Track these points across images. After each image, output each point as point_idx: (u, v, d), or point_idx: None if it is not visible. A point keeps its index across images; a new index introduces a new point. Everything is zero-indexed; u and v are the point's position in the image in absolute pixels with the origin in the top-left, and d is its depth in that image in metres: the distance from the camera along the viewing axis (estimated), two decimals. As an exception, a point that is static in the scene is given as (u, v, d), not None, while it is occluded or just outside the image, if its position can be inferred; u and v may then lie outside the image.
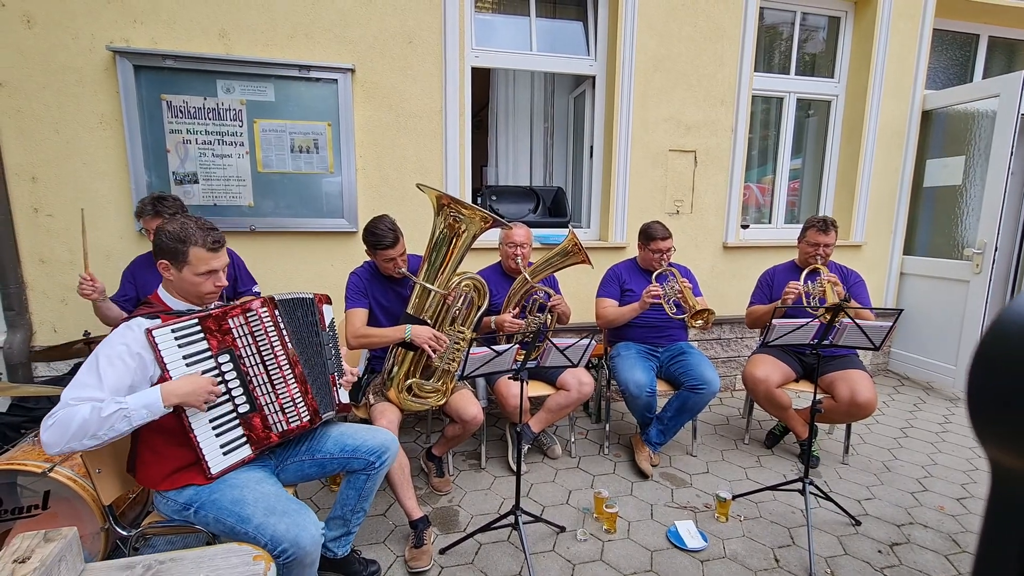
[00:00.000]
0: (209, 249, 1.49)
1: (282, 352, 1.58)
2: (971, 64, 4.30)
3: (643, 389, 2.54)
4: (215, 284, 1.53)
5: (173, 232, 1.47)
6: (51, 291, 2.74)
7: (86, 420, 1.24)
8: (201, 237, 1.48)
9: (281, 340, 1.58)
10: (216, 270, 1.52)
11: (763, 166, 4.15)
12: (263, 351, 1.54)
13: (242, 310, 1.50)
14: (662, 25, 3.38)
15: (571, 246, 2.49)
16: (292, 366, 1.59)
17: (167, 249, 1.47)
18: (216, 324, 1.46)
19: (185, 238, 1.47)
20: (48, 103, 2.61)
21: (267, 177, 2.91)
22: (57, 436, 1.23)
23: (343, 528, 1.83)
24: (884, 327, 2.10)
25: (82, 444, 1.25)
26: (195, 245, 1.47)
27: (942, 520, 2.29)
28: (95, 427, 1.25)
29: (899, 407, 3.59)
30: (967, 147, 3.74)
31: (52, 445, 1.23)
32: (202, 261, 1.48)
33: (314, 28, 2.87)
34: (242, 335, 1.50)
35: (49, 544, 0.74)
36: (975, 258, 3.57)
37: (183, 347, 1.42)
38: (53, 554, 0.73)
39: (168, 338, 1.39)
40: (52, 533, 0.76)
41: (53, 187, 2.67)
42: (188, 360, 1.42)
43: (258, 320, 1.53)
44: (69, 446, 1.24)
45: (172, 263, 1.48)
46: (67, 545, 0.75)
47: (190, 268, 1.48)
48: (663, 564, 2.00)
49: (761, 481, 2.59)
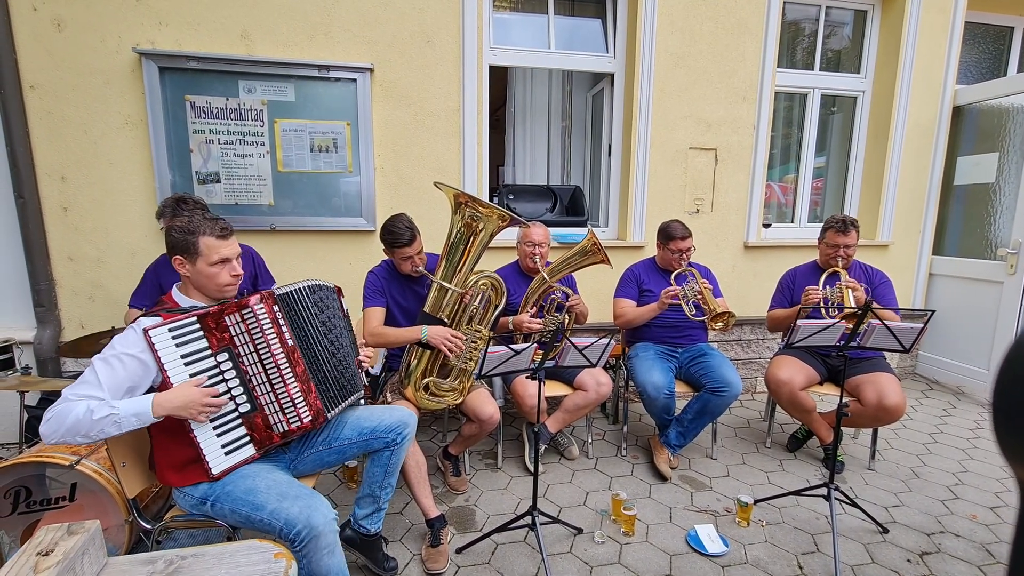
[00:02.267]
0: (218, 237, 1.52)
1: (281, 351, 1.52)
2: (1005, 57, 4.15)
3: (661, 391, 2.50)
4: (231, 274, 1.54)
5: (181, 226, 1.51)
6: (79, 288, 2.81)
7: (79, 419, 1.27)
8: (208, 226, 1.51)
9: (280, 337, 1.52)
10: (229, 258, 1.54)
11: (785, 164, 4.06)
12: (260, 349, 1.50)
13: (238, 307, 1.48)
14: (682, 21, 3.33)
15: (590, 245, 2.46)
16: (292, 365, 1.54)
17: (179, 243, 1.50)
18: (214, 322, 1.45)
19: (193, 229, 1.50)
20: (77, 104, 2.67)
21: (287, 176, 2.94)
22: (53, 429, 1.28)
23: (373, 505, 1.84)
24: (915, 329, 2.03)
25: (75, 440, 1.29)
26: (204, 234, 1.50)
27: (975, 529, 2.21)
28: (86, 427, 1.28)
29: (928, 412, 3.48)
30: (1001, 143, 3.61)
31: (47, 436, 1.28)
32: (213, 249, 1.50)
33: (333, 28, 2.89)
34: (239, 333, 1.47)
35: (72, 537, 0.75)
36: (1009, 258, 3.45)
37: (181, 346, 1.41)
38: (76, 547, 0.74)
39: (165, 337, 1.39)
40: (76, 526, 0.77)
41: (81, 187, 2.73)
42: (187, 359, 1.41)
43: (254, 317, 1.49)
44: (63, 439, 1.28)
45: (186, 257, 1.50)
46: (90, 539, 0.75)
47: (203, 259, 1.50)
48: (682, 568, 1.96)
49: (784, 486, 2.53)
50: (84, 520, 0.79)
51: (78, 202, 2.74)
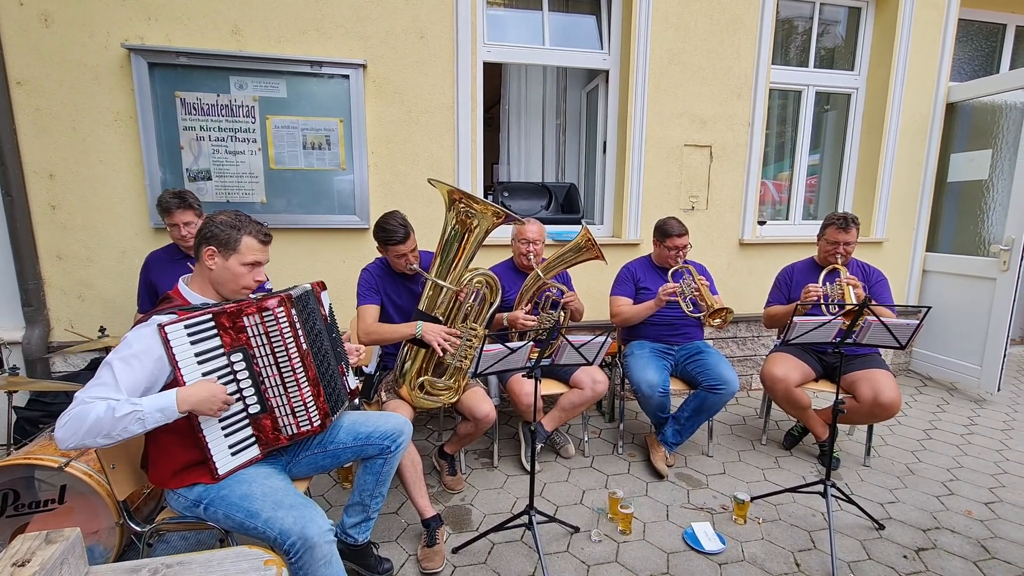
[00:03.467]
0: (261, 241, 1.54)
1: (296, 354, 1.52)
2: (998, 54, 4.17)
3: (655, 389, 2.50)
4: (254, 279, 1.54)
5: (227, 220, 1.50)
6: (68, 287, 2.77)
7: (100, 418, 1.23)
8: (255, 228, 1.53)
9: (296, 341, 1.52)
10: (261, 263, 1.55)
11: (780, 162, 4.07)
12: (277, 352, 1.49)
13: (258, 308, 1.46)
14: (677, 17, 3.32)
15: (584, 242, 2.45)
16: (306, 369, 1.54)
17: (219, 236, 1.48)
18: (230, 321, 1.44)
19: (239, 226, 1.50)
20: (65, 101, 2.63)
21: (279, 174, 2.91)
22: (71, 432, 1.23)
23: (363, 514, 1.81)
24: (911, 325, 2.03)
25: (95, 442, 1.25)
26: (248, 234, 1.51)
27: (970, 525, 2.21)
28: (108, 426, 1.24)
29: (922, 408, 3.50)
30: (994, 140, 3.63)
31: (65, 440, 1.24)
32: (252, 251, 1.51)
33: (326, 24, 2.86)
34: (257, 334, 1.47)
35: (51, 546, 0.72)
36: (1002, 255, 3.46)
37: (195, 343, 1.39)
38: (54, 557, 0.70)
39: (181, 334, 1.37)
40: (54, 534, 0.74)
41: (70, 184, 2.69)
42: (200, 358, 1.40)
43: (273, 319, 1.48)
44: (83, 442, 1.24)
45: (221, 250, 1.48)
46: (69, 547, 0.72)
47: (238, 256, 1.49)
48: (680, 566, 1.96)
49: (779, 483, 2.53)
50: (73, 523, 0.76)
51: (67, 200, 2.70)
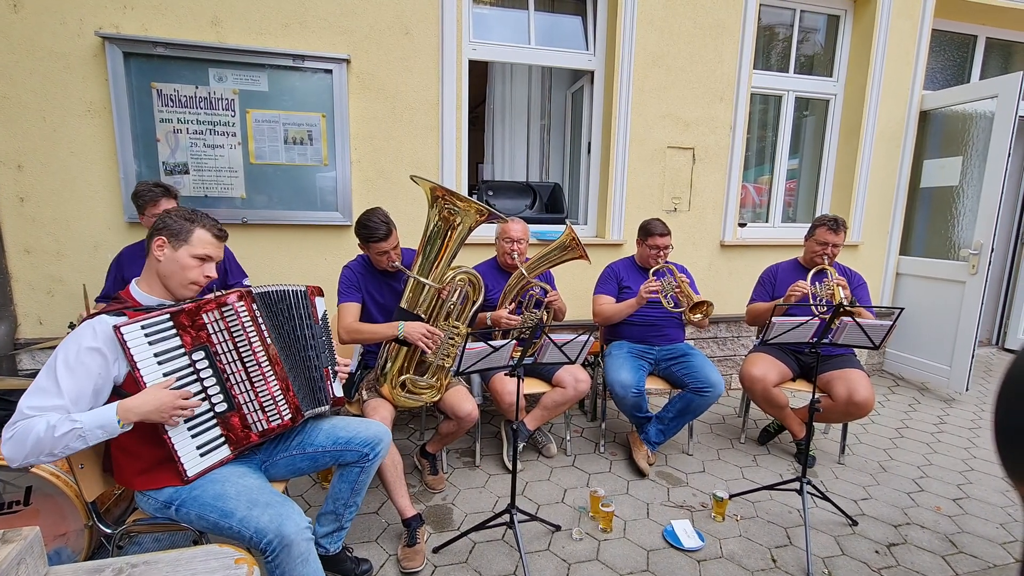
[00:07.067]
0: (214, 235, 1.51)
1: (261, 348, 1.50)
2: (968, 65, 4.30)
3: (628, 390, 2.51)
4: (203, 275, 1.48)
5: (183, 213, 1.49)
6: (37, 282, 2.68)
7: (40, 439, 1.18)
8: (209, 223, 1.51)
9: (260, 335, 1.50)
10: (211, 259, 1.50)
11: (760, 166, 4.13)
12: (240, 347, 1.47)
13: (217, 304, 1.43)
14: (662, 20, 3.35)
15: (569, 241, 2.46)
16: (272, 363, 1.52)
17: (171, 225, 1.45)
18: (189, 319, 1.39)
19: (194, 219, 1.48)
20: (34, 90, 2.54)
21: (260, 169, 2.85)
22: (15, 451, 1.19)
23: (335, 523, 1.78)
24: (884, 326, 2.08)
25: (39, 459, 1.21)
26: (202, 227, 1.48)
27: (938, 521, 2.28)
28: (49, 445, 1.20)
29: (894, 407, 3.59)
30: (964, 148, 3.74)
31: (12, 460, 1.20)
32: (203, 243, 1.48)
33: (309, 17, 2.81)
34: (218, 331, 1.43)
35: (7, 546, 0.69)
36: (971, 259, 3.57)
37: (154, 344, 1.34)
38: (11, 557, 0.67)
39: (138, 335, 1.31)
40: (11, 534, 0.71)
41: (40, 176, 2.60)
42: (160, 358, 1.35)
43: (234, 314, 1.46)
44: (28, 460, 1.20)
45: (171, 240, 1.44)
46: (27, 546, 0.69)
47: (188, 248, 1.45)
48: (660, 564, 1.97)
49: (757, 480, 2.57)
50: (40, 526, 0.73)
51: (36, 192, 2.61)
